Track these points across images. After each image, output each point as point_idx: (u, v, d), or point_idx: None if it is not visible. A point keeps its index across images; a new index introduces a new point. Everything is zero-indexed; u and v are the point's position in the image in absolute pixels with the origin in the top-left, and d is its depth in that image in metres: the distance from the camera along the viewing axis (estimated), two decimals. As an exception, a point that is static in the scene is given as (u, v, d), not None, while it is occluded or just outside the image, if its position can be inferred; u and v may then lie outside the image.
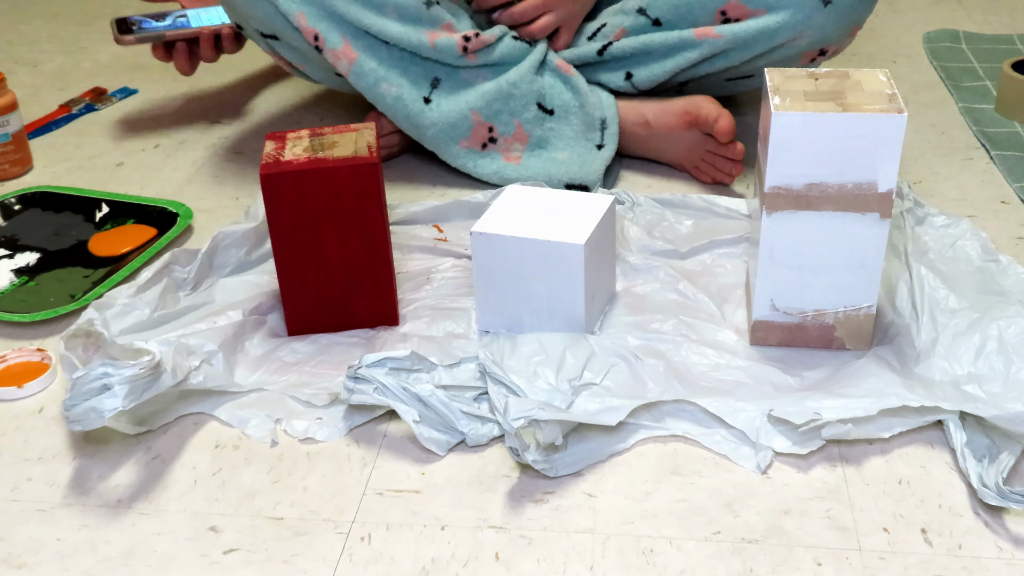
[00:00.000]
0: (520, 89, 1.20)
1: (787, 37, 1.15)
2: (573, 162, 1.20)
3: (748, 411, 0.84)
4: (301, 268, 0.93)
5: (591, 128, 1.21)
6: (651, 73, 1.21)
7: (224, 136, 1.39)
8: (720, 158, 1.19)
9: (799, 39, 1.15)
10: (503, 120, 1.21)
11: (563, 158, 1.21)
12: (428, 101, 1.19)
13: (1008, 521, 0.75)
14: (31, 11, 1.91)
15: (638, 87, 1.23)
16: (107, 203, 1.20)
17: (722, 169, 1.19)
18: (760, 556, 0.73)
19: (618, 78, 1.23)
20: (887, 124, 0.82)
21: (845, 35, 1.17)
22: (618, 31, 1.23)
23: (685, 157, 1.22)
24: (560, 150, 1.21)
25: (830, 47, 1.18)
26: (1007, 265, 0.99)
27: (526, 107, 1.21)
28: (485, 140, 1.21)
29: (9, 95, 1.27)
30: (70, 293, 1.05)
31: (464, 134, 1.20)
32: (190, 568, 0.74)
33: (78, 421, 0.79)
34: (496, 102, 1.20)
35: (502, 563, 0.73)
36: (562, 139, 1.22)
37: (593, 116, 1.21)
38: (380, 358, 0.86)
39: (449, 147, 1.21)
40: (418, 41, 1.16)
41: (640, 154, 1.26)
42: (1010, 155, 1.25)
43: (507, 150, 1.22)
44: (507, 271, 0.92)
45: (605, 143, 1.21)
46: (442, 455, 0.83)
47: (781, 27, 1.14)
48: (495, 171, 1.21)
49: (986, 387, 0.84)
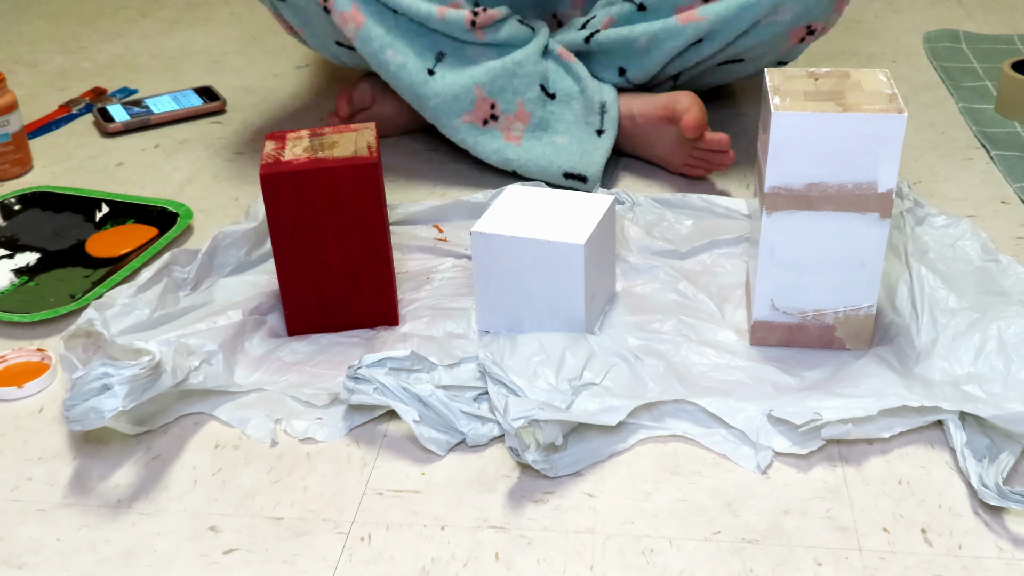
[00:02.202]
0: (524, 69, 1.20)
1: (767, 11, 1.14)
2: (573, 149, 1.20)
3: (748, 411, 0.84)
4: (301, 268, 0.93)
5: (591, 112, 1.21)
6: (643, 66, 1.21)
7: (224, 136, 1.39)
8: (708, 152, 1.19)
9: (781, 13, 1.14)
10: (506, 98, 1.21)
11: (563, 143, 1.21)
12: (432, 73, 1.19)
13: (1008, 521, 0.75)
14: (31, 11, 1.91)
15: (633, 82, 1.23)
16: (107, 203, 1.20)
17: (711, 161, 1.19)
18: (760, 556, 0.73)
19: (612, 75, 1.23)
20: (887, 124, 0.82)
21: (830, 9, 1.17)
22: (606, 20, 1.23)
23: (673, 154, 1.21)
24: (560, 134, 1.21)
25: (816, 24, 1.17)
26: (1007, 265, 0.99)
27: (529, 87, 1.21)
28: (487, 116, 1.21)
29: (9, 95, 1.27)
30: (70, 293, 1.04)
31: (467, 108, 1.20)
32: (190, 568, 0.74)
33: (78, 421, 0.79)
34: (500, 79, 1.20)
35: (502, 563, 0.73)
36: (563, 123, 1.22)
37: (593, 100, 1.22)
38: (380, 358, 0.86)
39: (450, 120, 1.20)
40: (427, 12, 1.16)
41: (629, 150, 1.26)
42: (1010, 155, 1.25)
43: (508, 128, 1.21)
44: (507, 271, 0.92)
45: (605, 128, 1.21)
46: (442, 455, 0.83)
47: (761, 2, 1.13)
48: (495, 150, 1.21)
49: (986, 387, 0.84)
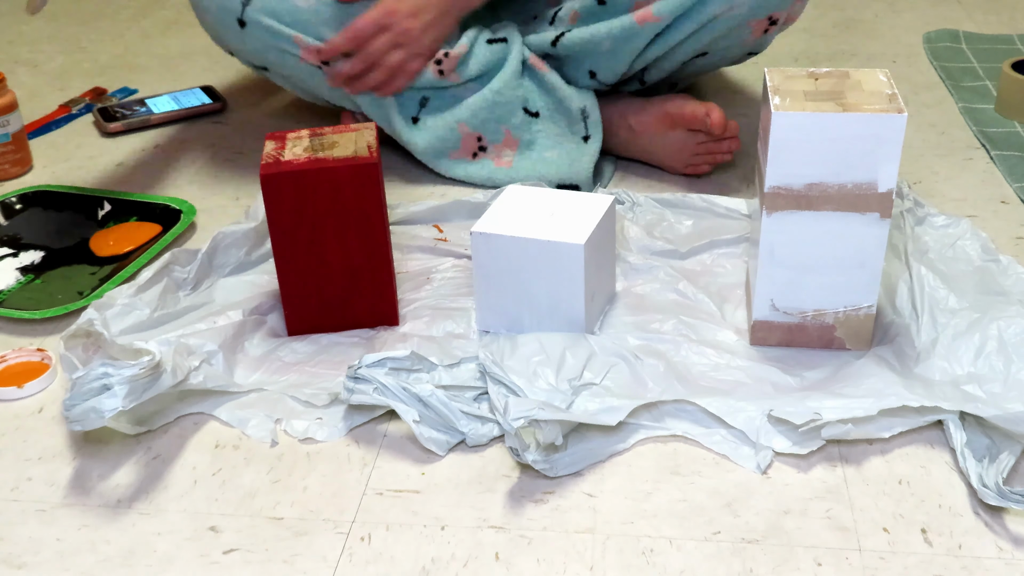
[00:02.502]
0: (504, 96, 1.20)
1: (721, 7, 1.12)
2: (563, 160, 1.21)
3: (748, 411, 0.84)
4: (301, 268, 0.93)
5: (575, 121, 1.21)
6: (611, 67, 1.20)
7: (224, 136, 1.39)
8: (712, 143, 1.19)
9: (737, 7, 1.12)
10: (490, 128, 1.21)
11: (552, 156, 1.21)
12: (416, 121, 1.21)
13: (1008, 521, 0.75)
14: (31, 11, 1.90)
15: (604, 82, 1.23)
16: (109, 201, 1.20)
17: (719, 151, 1.19)
18: (760, 556, 0.73)
19: (584, 77, 1.23)
20: (887, 124, 0.82)
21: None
22: (572, 13, 1.22)
23: (675, 158, 1.22)
24: (549, 148, 1.22)
25: (778, 14, 1.15)
26: (1007, 265, 0.99)
27: (512, 113, 1.21)
28: (475, 150, 1.22)
29: (9, 95, 1.27)
30: (78, 290, 1.05)
31: (454, 146, 1.22)
32: (190, 568, 0.74)
33: (78, 421, 0.79)
34: (482, 111, 1.20)
35: (502, 563, 0.73)
36: (549, 138, 1.22)
37: (573, 108, 1.21)
38: (380, 358, 0.86)
39: (440, 160, 1.22)
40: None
41: (631, 155, 1.26)
42: (1010, 155, 1.25)
43: (498, 156, 1.22)
44: (507, 271, 0.92)
45: (590, 133, 1.22)
46: (442, 455, 0.83)
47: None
48: (487, 176, 1.22)
49: (986, 387, 0.84)
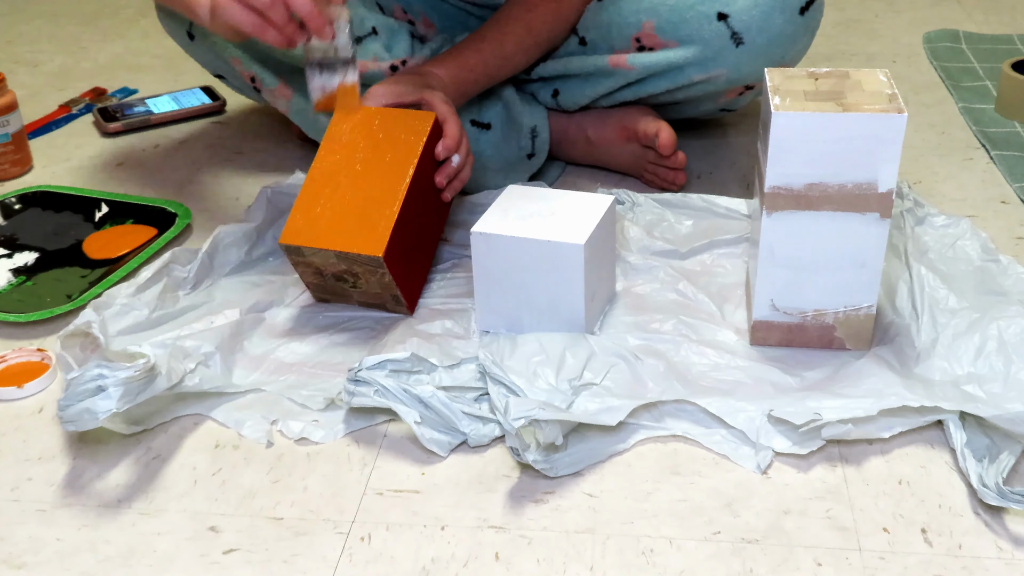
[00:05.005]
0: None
1: (698, 75, 1.10)
2: (500, 171, 1.19)
3: (748, 411, 0.84)
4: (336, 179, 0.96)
5: (523, 136, 1.21)
6: (574, 95, 1.20)
7: (224, 136, 1.39)
8: (662, 168, 1.19)
9: (714, 77, 1.10)
10: None
11: (492, 167, 1.19)
12: None
13: (1008, 521, 0.75)
14: (31, 11, 1.90)
15: (563, 106, 1.22)
16: (107, 203, 1.20)
17: (665, 178, 1.19)
18: (760, 556, 0.73)
19: (546, 94, 1.22)
20: (887, 124, 0.82)
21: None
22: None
23: (631, 166, 1.22)
24: (490, 158, 1.19)
25: (756, 83, 1.13)
26: (1007, 265, 0.99)
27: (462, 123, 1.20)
28: None
29: (9, 95, 1.27)
30: (67, 293, 1.04)
31: None
32: (190, 568, 0.74)
33: (72, 422, 0.79)
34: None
35: (502, 563, 0.73)
36: (493, 147, 1.20)
37: (523, 124, 1.21)
38: (380, 360, 0.86)
39: None
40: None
41: (588, 163, 1.26)
42: (1010, 155, 1.25)
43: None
44: (507, 271, 0.92)
45: (536, 152, 1.22)
46: (444, 456, 0.83)
47: (689, 63, 1.09)
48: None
49: (986, 387, 0.84)
